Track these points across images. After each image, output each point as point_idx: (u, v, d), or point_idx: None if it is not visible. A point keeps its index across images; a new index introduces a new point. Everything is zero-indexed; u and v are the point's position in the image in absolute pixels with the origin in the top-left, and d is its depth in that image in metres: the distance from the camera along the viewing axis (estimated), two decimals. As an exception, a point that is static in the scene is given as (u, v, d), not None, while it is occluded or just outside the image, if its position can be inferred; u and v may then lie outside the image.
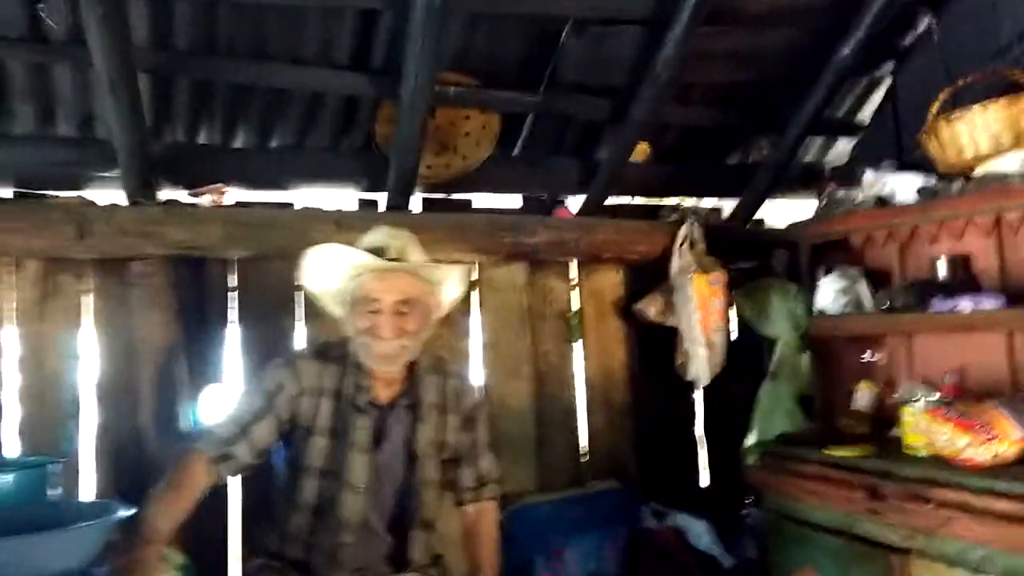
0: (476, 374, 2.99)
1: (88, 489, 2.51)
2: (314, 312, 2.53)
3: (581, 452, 3.15)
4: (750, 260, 3.22)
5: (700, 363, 2.96)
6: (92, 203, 2.51)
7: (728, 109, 3.12)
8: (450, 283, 1.98)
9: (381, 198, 2.92)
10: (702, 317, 2.93)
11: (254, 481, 1.85)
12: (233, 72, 2.46)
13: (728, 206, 3.46)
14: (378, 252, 1.87)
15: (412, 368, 1.96)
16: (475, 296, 3.04)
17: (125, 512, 1.74)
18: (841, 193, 2.78)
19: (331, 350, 1.95)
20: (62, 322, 2.52)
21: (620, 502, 2.96)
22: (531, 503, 2.85)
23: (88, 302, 2.56)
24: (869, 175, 2.61)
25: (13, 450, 2.45)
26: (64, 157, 2.56)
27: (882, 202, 2.54)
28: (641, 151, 3.07)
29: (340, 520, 1.86)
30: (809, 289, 2.84)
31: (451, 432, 1.99)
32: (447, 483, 2.04)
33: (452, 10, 2.29)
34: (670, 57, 2.55)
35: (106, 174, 2.58)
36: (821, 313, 2.80)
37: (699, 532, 2.92)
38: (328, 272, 1.92)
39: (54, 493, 2.17)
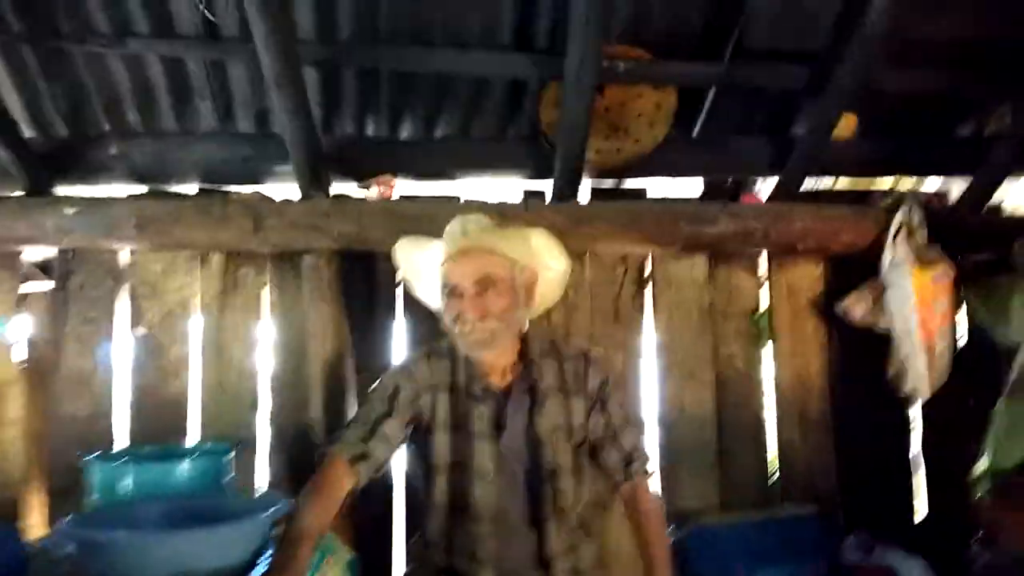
0: (648, 375, 2.75)
1: (262, 477, 2.58)
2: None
3: (770, 470, 2.79)
4: (984, 252, 2.70)
5: (919, 374, 2.50)
6: (268, 198, 2.56)
7: (958, 71, 2.59)
8: (534, 252, 1.87)
9: (548, 187, 2.75)
10: (922, 319, 2.48)
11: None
12: (396, 60, 2.40)
13: (957, 188, 2.91)
14: (455, 240, 1.84)
15: (525, 352, 1.90)
16: (648, 292, 2.79)
17: (285, 507, 1.74)
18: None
19: (439, 348, 1.94)
20: (243, 314, 2.61)
21: (818, 531, 2.58)
22: (711, 524, 2.55)
23: (266, 295, 2.64)
24: None
25: (194, 436, 2.58)
26: (243, 152, 2.65)
27: None
28: (847, 125, 2.65)
29: (475, 513, 1.82)
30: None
31: (578, 415, 1.90)
32: (581, 469, 1.92)
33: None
34: (883, 7, 2.14)
35: (281, 168, 2.63)
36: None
37: (913, 573, 2.46)
38: (417, 267, 1.95)
39: (228, 479, 2.23)
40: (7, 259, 2.51)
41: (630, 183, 2.86)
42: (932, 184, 2.96)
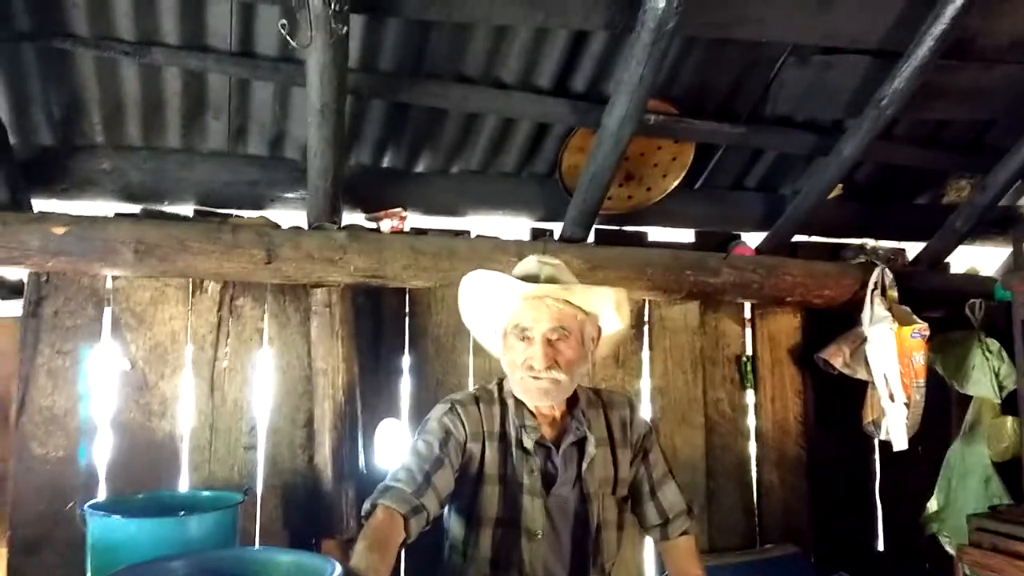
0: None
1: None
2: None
3: (754, 510, 2.93)
4: (938, 309, 2.97)
5: (897, 423, 2.71)
6: (277, 225, 2.42)
7: (930, 147, 2.87)
8: (607, 311, 1.84)
9: (555, 228, 2.77)
10: (902, 373, 2.69)
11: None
12: (432, 95, 2.33)
13: (911, 249, 3.20)
14: (529, 280, 1.78)
15: (573, 403, 1.85)
16: (645, 336, 2.86)
17: (339, 571, 1.60)
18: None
19: (488, 392, 1.87)
20: (239, 348, 2.44)
21: (800, 570, 2.72)
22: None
23: (265, 328, 2.47)
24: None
25: (185, 481, 2.36)
26: (251, 176, 2.49)
27: None
28: (835, 188, 2.85)
29: (522, 571, 1.76)
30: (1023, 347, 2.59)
31: (623, 467, 1.87)
32: (624, 523, 1.90)
33: (679, 34, 2.11)
34: (899, 90, 2.33)
35: (290, 195, 2.49)
36: (1039, 375, 2.54)
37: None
38: (481, 301, 1.85)
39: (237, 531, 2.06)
40: (-28, 280, 2.21)
41: (630, 227, 2.92)
42: (891, 244, 3.23)
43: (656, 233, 2.98)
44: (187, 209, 2.48)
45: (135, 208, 2.41)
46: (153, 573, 1.69)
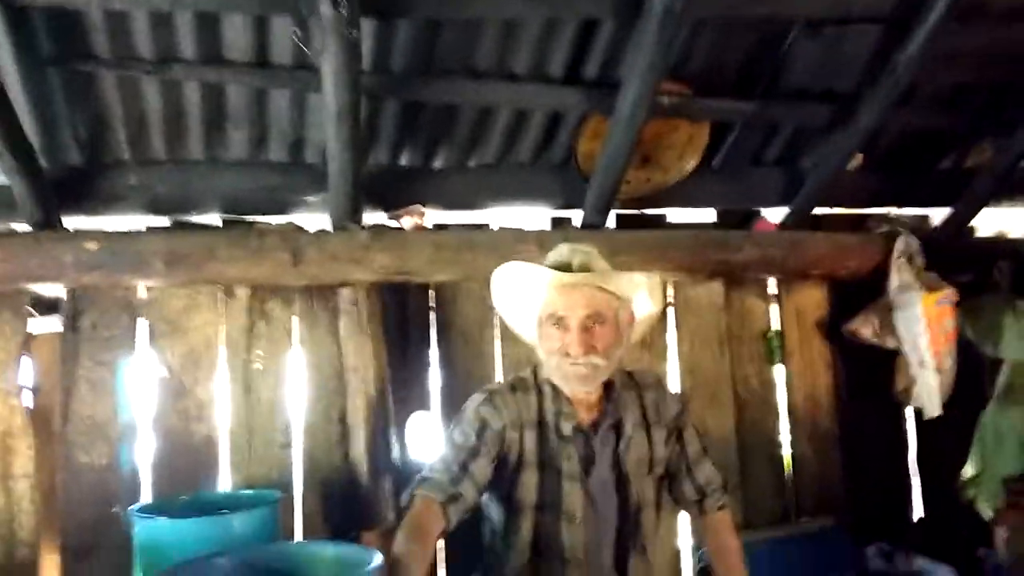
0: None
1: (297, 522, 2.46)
2: (511, 335, 2.42)
3: (787, 485, 2.93)
4: (966, 274, 2.94)
5: (930, 390, 2.70)
6: (303, 229, 2.47)
7: (950, 112, 2.84)
8: (640, 295, 1.86)
9: (575, 215, 2.79)
10: (932, 339, 2.67)
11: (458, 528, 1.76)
12: (444, 91, 2.36)
13: (938, 215, 3.16)
14: (562, 268, 1.79)
15: (609, 387, 1.88)
16: (671, 317, 2.87)
17: (380, 561, 1.64)
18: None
19: (524, 381, 1.89)
20: (271, 349, 2.49)
21: (839, 542, 2.72)
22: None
23: (295, 329, 2.52)
24: None
25: (224, 482, 2.43)
26: (273, 182, 2.54)
27: None
28: (855, 159, 2.83)
29: (563, 555, 1.79)
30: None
31: (658, 447, 1.89)
32: (661, 502, 1.94)
33: (688, 18, 2.11)
34: (913, 57, 2.30)
35: (312, 198, 2.54)
36: (1072, 334, 2.52)
37: (942, 579, 2.64)
38: (515, 291, 1.87)
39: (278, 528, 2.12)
40: (13, 298, 2.29)
41: (650, 211, 2.92)
42: (916, 211, 3.20)
43: (677, 215, 2.98)
44: (214, 218, 2.54)
45: (164, 220, 2.48)
46: (202, 570, 1.75)
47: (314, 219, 2.57)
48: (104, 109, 2.25)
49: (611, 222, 2.84)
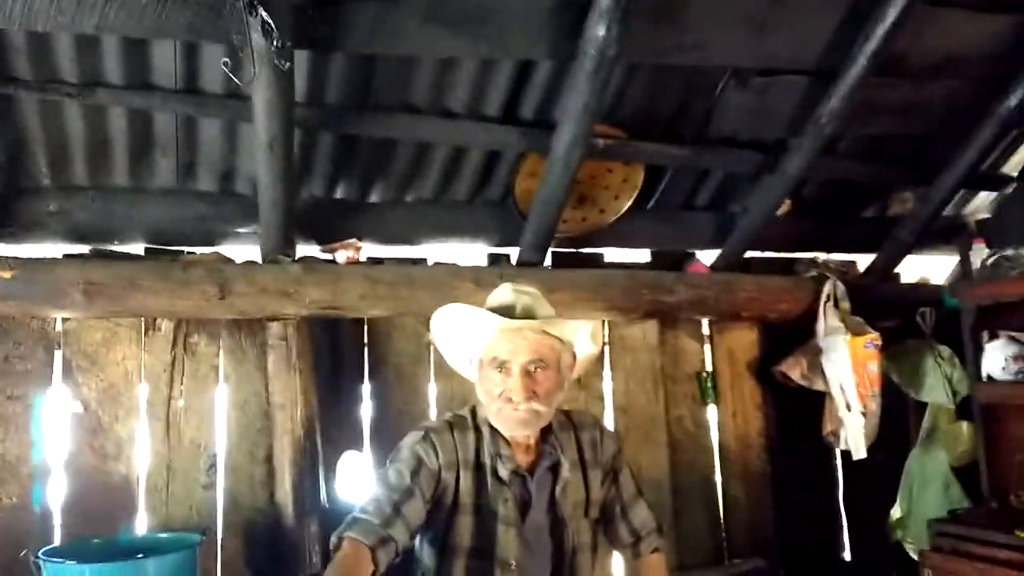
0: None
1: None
2: (445, 371, 2.39)
3: (720, 526, 2.94)
4: (891, 319, 3.04)
5: (856, 432, 2.75)
6: (230, 260, 2.41)
7: (873, 162, 2.96)
8: (582, 340, 1.83)
9: (512, 252, 2.80)
10: (858, 382, 2.73)
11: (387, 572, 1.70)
12: (381, 126, 2.35)
13: (863, 261, 3.27)
14: (505, 311, 1.75)
15: (546, 428, 1.83)
16: (606, 356, 2.89)
17: None
18: (1011, 251, 2.62)
19: (463, 420, 1.83)
20: (194, 386, 2.41)
21: (769, 583, 2.74)
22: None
23: (221, 365, 2.45)
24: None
25: (142, 523, 2.33)
26: (201, 212, 2.48)
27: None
28: (784, 205, 2.91)
29: None
30: (974, 353, 2.65)
31: (595, 489, 1.85)
32: (597, 545, 1.88)
33: (621, 61, 2.16)
34: (836, 109, 2.40)
35: (242, 230, 2.49)
36: (990, 379, 2.60)
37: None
38: (456, 332, 1.82)
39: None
40: (-82, 328, 2.17)
41: (586, 249, 2.95)
42: (841, 256, 3.30)
43: (612, 254, 3.02)
44: (137, 248, 2.46)
45: (84, 248, 2.39)
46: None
47: (244, 251, 2.52)
48: (24, 133, 2.17)
49: (548, 260, 2.85)
